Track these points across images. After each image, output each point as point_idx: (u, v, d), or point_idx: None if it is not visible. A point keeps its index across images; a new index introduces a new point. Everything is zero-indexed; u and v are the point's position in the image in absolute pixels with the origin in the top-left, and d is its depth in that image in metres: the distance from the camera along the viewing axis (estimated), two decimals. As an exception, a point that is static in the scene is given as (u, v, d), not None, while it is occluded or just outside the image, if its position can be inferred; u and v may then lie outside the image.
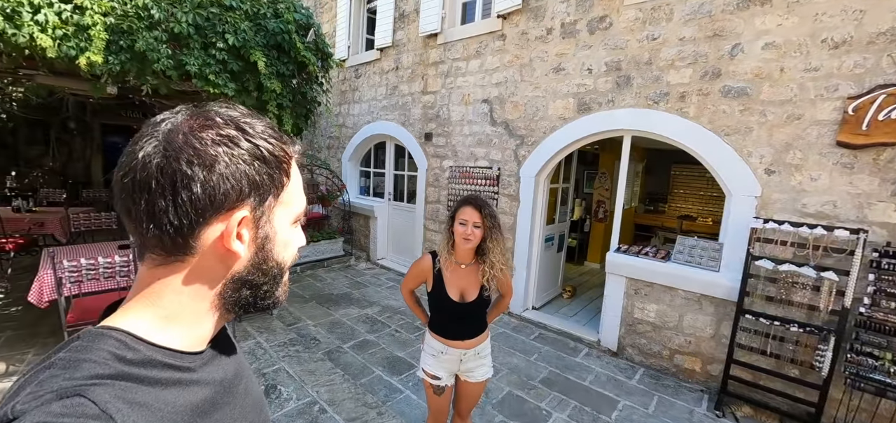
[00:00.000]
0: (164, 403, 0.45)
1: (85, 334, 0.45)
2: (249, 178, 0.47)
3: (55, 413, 0.36)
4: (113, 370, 0.42)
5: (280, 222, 0.54)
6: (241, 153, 0.47)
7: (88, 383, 0.39)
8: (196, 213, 0.45)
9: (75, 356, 0.42)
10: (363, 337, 4.03)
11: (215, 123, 0.47)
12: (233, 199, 0.47)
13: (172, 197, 0.44)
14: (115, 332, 0.45)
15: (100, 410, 0.38)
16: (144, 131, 0.46)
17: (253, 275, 0.53)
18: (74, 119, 7.71)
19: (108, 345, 0.43)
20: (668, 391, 3.41)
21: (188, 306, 0.50)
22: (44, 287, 2.92)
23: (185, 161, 0.44)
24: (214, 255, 0.49)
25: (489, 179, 4.88)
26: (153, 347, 0.47)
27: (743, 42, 3.13)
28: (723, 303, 3.32)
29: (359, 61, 6.74)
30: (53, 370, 0.40)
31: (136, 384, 0.43)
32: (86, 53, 2.69)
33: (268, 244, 0.53)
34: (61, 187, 7.12)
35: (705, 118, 3.34)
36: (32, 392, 0.38)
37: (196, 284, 0.50)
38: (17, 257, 4.95)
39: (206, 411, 0.49)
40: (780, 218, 3.05)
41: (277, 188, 0.51)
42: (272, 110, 3.26)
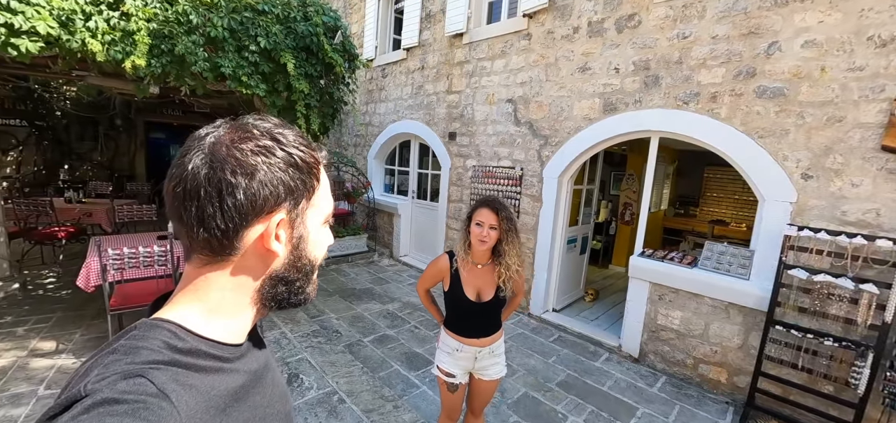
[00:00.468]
0: (209, 387, 0.50)
1: (141, 325, 0.50)
2: (285, 183, 0.53)
3: (121, 390, 0.41)
4: (166, 357, 0.47)
5: (312, 223, 0.59)
6: (277, 161, 0.52)
7: (147, 366, 0.45)
8: (240, 216, 0.50)
9: (134, 343, 0.47)
10: (383, 332, 4.11)
11: (253, 135, 0.52)
12: (271, 203, 0.52)
13: (219, 203, 0.49)
14: (167, 323, 0.51)
15: (158, 390, 0.43)
16: (191, 145, 0.52)
17: (288, 272, 0.58)
18: (121, 117, 8.24)
19: (161, 335, 0.49)
20: (691, 401, 3.31)
21: (231, 300, 0.55)
22: (90, 273, 3.15)
23: (230, 171, 0.49)
24: (255, 254, 0.54)
25: (512, 179, 4.87)
26: (199, 338, 0.52)
27: (780, 40, 2.99)
28: (752, 312, 3.19)
29: (386, 61, 6.85)
30: (116, 355, 0.45)
31: (186, 370, 0.48)
32: (131, 57, 2.89)
33: (302, 244, 0.58)
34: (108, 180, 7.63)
35: (738, 120, 3.21)
36: (100, 374, 0.43)
37: (238, 280, 0.55)
38: (67, 244, 5.35)
39: (241, 397, 0.55)
40: (816, 225, 2.90)
41: (309, 192, 0.56)
42: (300, 110, 3.39)
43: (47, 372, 2.98)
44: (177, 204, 0.50)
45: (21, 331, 3.55)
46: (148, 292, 3.29)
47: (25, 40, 2.64)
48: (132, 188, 7.47)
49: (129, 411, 0.39)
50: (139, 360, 0.45)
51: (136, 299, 3.19)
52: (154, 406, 0.41)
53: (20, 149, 7.39)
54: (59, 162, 7.84)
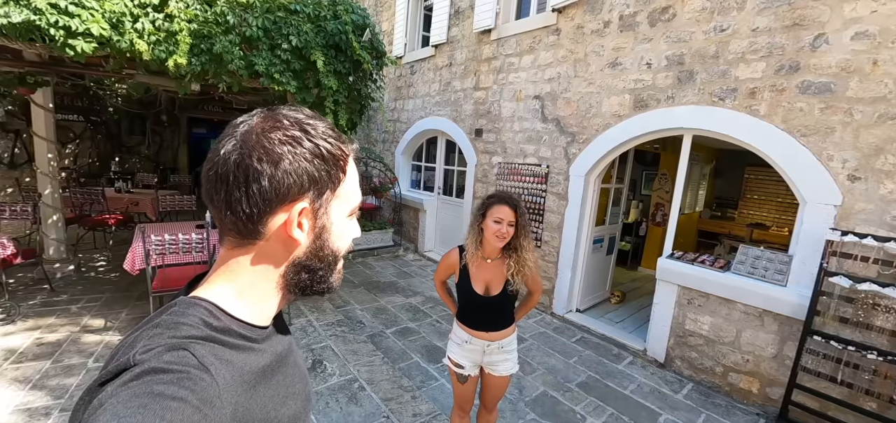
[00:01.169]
0: (242, 363, 0.53)
1: (180, 302, 0.54)
2: (309, 173, 0.54)
3: (166, 361, 0.44)
4: (203, 332, 0.51)
5: (336, 214, 0.60)
6: (303, 152, 0.54)
7: (188, 340, 0.48)
8: (263, 202, 0.52)
9: (175, 319, 0.51)
10: (405, 324, 4.19)
11: (282, 125, 0.54)
12: (295, 192, 0.54)
13: (245, 188, 0.52)
14: (203, 302, 0.54)
15: (198, 362, 0.47)
16: (227, 132, 0.55)
17: (311, 260, 0.59)
18: (166, 113, 8.76)
19: (198, 313, 0.52)
20: (719, 410, 3.18)
21: (257, 284, 0.58)
22: (135, 257, 3.39)
23: (256, 158, 0.51)
24: (279, 240, 0.56)
25: (537, 176, 4.81)
26: (231, 318, 0.55)
27: (828, 32, 2.80)
28: (788, 321, 3.02)
29: (415, 58, 6.92)
30: (159, 329, 0.49)
31: (221, 346, 0.51)
32: (173, 56, 3.07)
33: (324, 234, 0.59)
34: (154, 172, 8.16)
35: (778, 117, 3.04)
36: (146, 345, 0.46)
37: (264, 265, 0.57)
38: (116, 230, 5.76)
39: (267, 375, 0.57)
40: (862, 230, 2.71)
41: (334, 183, 0.58)
42: (329, 106, 3.50)
43: (96, 347, 3.25)
44: (210, 187, 0.54)
45: (75, 308, 3.87)
46: (186, 276, 3.49)
47: (81, 41, 2.86)
48: (175, 179, 7.96)
49: (174, 380, 0.43)
50: (180, 334, 0.48)
51: (176, 282, 3.42)
52: (196, 377, 0.45)
53: (77, 142, 8.02)
54: (110, 154, 8.45)
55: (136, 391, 0.41)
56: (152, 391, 0.41)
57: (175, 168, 9.32)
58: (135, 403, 0.39)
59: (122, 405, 0.39)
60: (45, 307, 3.84)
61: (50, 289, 4.18)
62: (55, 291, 4.19)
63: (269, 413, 0.55)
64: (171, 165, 9.29)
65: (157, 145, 9.12)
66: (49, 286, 4.19)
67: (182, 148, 9.50)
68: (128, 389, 0.41)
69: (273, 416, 0.56)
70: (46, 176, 4.42)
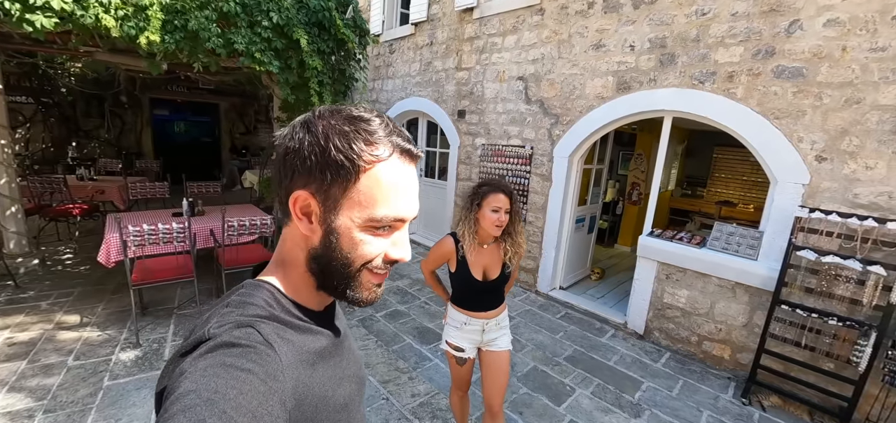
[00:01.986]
0: (302, 343, 0.57)
1: (247, 284, 0.58)
2: (308, 165, 0.54)
3: (236, 336, 0.49)
4: (267, 312, 0.55)
5: (347, 219, 0.56)
6: (310, 142, 0.54)
7: (255, 318, 0.53)
8: (279, 179, 0.57)
9: (243, 299, 0.55)
10: (395, 307, 4.21)
11: (315, 115, 0.57)
12: (297, 179, 0.56)
13: (281, 166, 0.57)
14: (266, 284, 0.59)
15: (264, 338, 0.51)
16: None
17: (320, 259, 0.58)
18: (126, 94, 8.19)
19: (263, 294, 0.57)
20: (694, 376, 3.41)
21: (300, 271, 0.60)
22: (111, 249, 3.22)
23: (288, 139, 0.56)
24: (296, 225, 0.58)
25: (521, 158, 4.87)
26: (290, 300, 0.59)
27: (802, 18, 2.94)
28: (758, 292, 3.25)
29: (393, 36, 6.75)
30: (230, 308, 0.54)
31: (283, 326, 0.55)
32: (145, 33, 2.87)
33: (332, 236, 0.56)
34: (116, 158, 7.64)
35: (754, 100, 3.19)
36: (219, 321, 0.51)
37: (294, 247, 0.60)
38: (82, 221, 5.43)
39: (325, 357, 0.61)
40: (827, 207, 2.92)
41: (341, 184, 0.54)
42: (314, 87, 3.38)
43: (75, 344, 3.10)
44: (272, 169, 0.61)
45: (45, 305, 3.66)
46: (168, 267, 3.37)
47: (40, 16, 2.63)
48: (141, 166, 7.49)
49: (243, 353, 0.47)
50: (248, 313, 0.53)
51: (158, 273, 3.28)
52: (262, 351, 0.49)
53: (28, 126, 7.39)
54: (66, 139, 7.85)
55: (212, 361, 0.45)
56: (224, 362, 0.45)
57: (140, 152, 8.77)
58: (210, 372, 0.44)
59: (199, 373, 0.44)
60: (11, 305, 3.61)
61: (14, 285, 3.91)
62: (21, 287, 3.93)
63: (326, 392, 0.58)
64: (134, 149, 8.73)
65: (117, 129, 8.53)
66: (13, 283, 3.92)
67: (145, 131, 8.93)
68: (204, 359, 0.46)
69: (329, 395, 0.59)
70: (1, 164, 4.09)
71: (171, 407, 0.41)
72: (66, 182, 5.15)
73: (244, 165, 9.51)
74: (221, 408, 0.41)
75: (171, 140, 10.05)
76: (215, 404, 0.41)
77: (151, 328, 3.40)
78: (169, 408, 0.41)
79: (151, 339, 3.24)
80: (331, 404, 0.59)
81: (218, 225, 3.73)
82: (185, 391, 0.42)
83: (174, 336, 3.31)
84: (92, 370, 2.82)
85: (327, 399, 0.58)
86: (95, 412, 2.44)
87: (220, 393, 0.42)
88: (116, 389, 2.65)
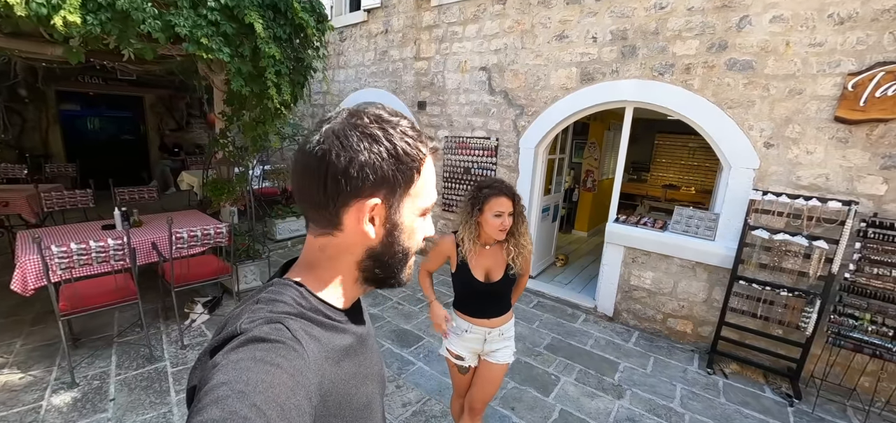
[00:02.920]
0: (327, 340, 0.57)
1: (276, 283, 0.60)
2: (383, 171, 0.56)
3: (266, 332, 0.50)
4: (295, 310, 0.56)
5: (409, 213, 0.61)
6: (380, 150, 0.55)
7: (283, 315, 0.54)
8: (338, 195, 0.55)
9: (273, 296, 0.57)
10: (367, 311, 4.00)
11: (363, 123, 0.56)
12: (368, 188, 0.56)
13: (324, 180, 0.55)
14: (294, 284, 0.59)
15: (292, 334, 0.52)
16: (317, 127, 0.58)
17: (382, 255, 0.62)
18: (25, 86, 6.98)
19: (291, 293, 0.58)
20: (662, 352, 3.61)
21: (336, 271, 0.62)
22: (28, 274, 2.68)
23: (335, 153, 0.54)
24: (353, 233, 0.58)
25: (487, 150, 4.83)
26: (317, 299, 0.60)
27: (751, 14, 3.15)
28: (716, 270, 3.49)
29: (344, 23, 6.37)
30: (260, 304, 0.55)
31: (310, 323, 0.56)
32: (60, 12, 2.39)
33: (396, 231, 0.61)
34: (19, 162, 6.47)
35: (709, 91, 3.39)
36: (249, 317, 0.52)
37: (341, 255, 0.61)
38: (-21, 237, 4.55)
39: (349, 354, 0.61)
40: (775, 190, 3.19)
41: (408, 183, 0.59)
42: (271, 78, 3.03)
43: (-13, 391, 2.56)
44: (297, 177, 0.59)
45: (-62, 346, 3.00)
46: (104, 289, 2.89)
47: (-87, -10, 2.09)
48: (52, 170, 6.39)
49: (272, 348, 0.48)
50: (277, 310, 0.54)
51: (92, 299, 2.78)
52: (290, 347, 0.50)
53: None
54: (-52, 140, 6.53)
55: (242, 355, 0.47)
56: (255, 356, 0.47)
57: (47, 155, 7.52)
58: (242, 365, 0.45)
59: (231, 366, 0.45)
60: None
61: None
62: None
63: (350, 390, 0.59)
64: (40, 150, 7.46)
65: (17, 127, 7.20)
66: None
67: (53, 129, 7.66)
68: (235, 353, 0.47)
69: (353, 393, 0.60)
70: None
71: (203, 398, 0.43)
72: (-46, 194, 4.25)
73: (178, 166, 8.57)
74: (252, 401, 0.42)
75: (85, 139, 8.72)
76: (246, 396, 0.42)
77: (88, 362, 2.91)
78: (202, 398, 0.43)
79: (90, 375, 2.76)
80: (354, 401, 0.59)
81: (160, 236, 3.28)
82: (217, 383, 0.43)
83: (118, 369, 2.86)
84: (17, 422, 2.34)
85: (350, 397, 0.59)
86: (25, 473, 2.03)
87: (252, 386, 0.43)
88: (52, 441, 2.22)
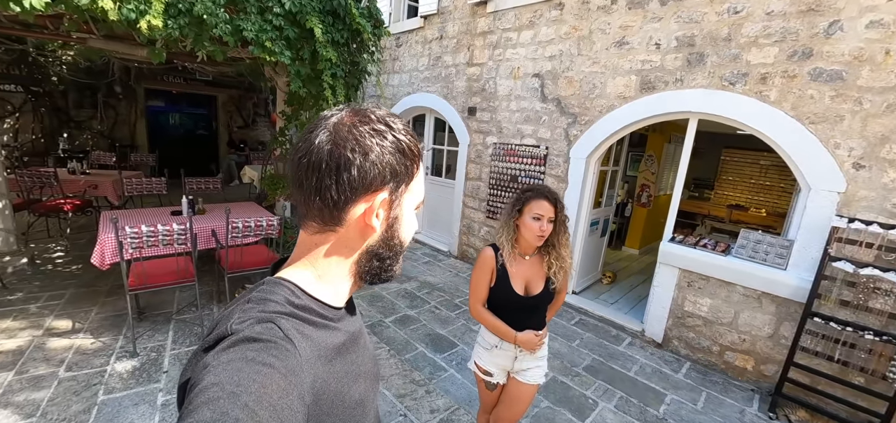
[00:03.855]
0: (320, 339, 0.57)
1: (268, 281, 0.59)
2: (392, 166, 0.57)
3: (257, 332, 0.49)
4: (287, 309, 0.55)
5: (407, 206, 0.63)
6: (388, 145, 0.57)
7: (275, 314, 0.53)
8: (351, 190, 0.56)
9: (264, 296, 0.56)
10: (404, 312, 4.04)
11: (370, 119, 0.57)
12: (378, 182, 0.57)
13: (336, 176, 0.55)
14: (287, 282, 0.58)
15: (283, 333, 0.51)
16: (318, 123, 0.57)
17: (382, 249, 0.63)
18: (120, 83, 7.87)
19: (283, 291, 0.57)
20: (717, 387, 3.29)
21: (334, 269, 0.62)
22: (105, 250, 2.99)
23: (349, 149, 0.54)
24: (356, 228, 0.60)
25: (536, 158, 4.71)
26: (311, 297, 0.59)
27: (843, 19, 2.81)
28: (786, 303, 3.13)
29: (400, 29, 6.54)
30: (251, 304, 0.54)
31: (302, 322, 0.55)
32: (146, 17, 2.65)
33: (396, 224, 0.63)
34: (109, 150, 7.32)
35: (789, 103, 3.06)
36: (240, 317, 0.51)
37: (340, 251, 0.61)
38: (73, 217, 5.16)
39: (342, 352, 0.61)
40: (864, 217, 2.80)
41: (409, 177, 0.61)
42: (327, 81, 3.16)
43: (66, 353, 2.88)
44: (300, 174, 0.57)
45: (34, 308, 3.42)
46: (167, 270, 3.16)
47: (30, -4, 2.40)
48: (136, 159, 7.17)
49: (264, 347, 0.48)
50: (268, 309, 0.53)
51: (157, 277, 3.06)
52: (282, 346, 0.49)
53: (16, 116, 7.03)
54: (57, 130, 7.50)
55: (233, 356, 0.46)
56: (246, 356, 0.46)
57: (134, 145, 8.43)
58: (233, 366, 0.45)
59: (221, 367, 0.45)
60: (-3, 308, 3.38)
61: (1, 286, 3.67)
62: (8, 288, 3.68)
63: (342, 388, 0.59)
64: (128, 141, 8.40)
65: (111, 120, 8.17)
66: (0, 283, 3.68)
67: (140, 123, 8.59)
68: (227, 354, 0.46)
69: (346, 392, 0.59)
70: (-14, 155, 3.84)
71: (195, 400, 0.42)
72: (57, 176, 4.86)
73: (242, 161, 9.24)
74: (244, 401, 0.42)
75: (165, 132, 9.71)
76: (238, 397, 0.42)
77: (149, 336, 3.19)
78: (193, 400, 0.42)
79: (149, 347, 3.03)
80: (347, 400, 0.59)
81: (220, 225, 3.52)
82: (208, 385, 0.43)
83: (173, 344, 3.11)
84: (85, 382, 2.61)
85: (343, 395, 0.59)
86: (90, 430, 2.25)
87: (243, 386, 0.43)
88: (112, 404, 2.45)
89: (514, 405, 1.88)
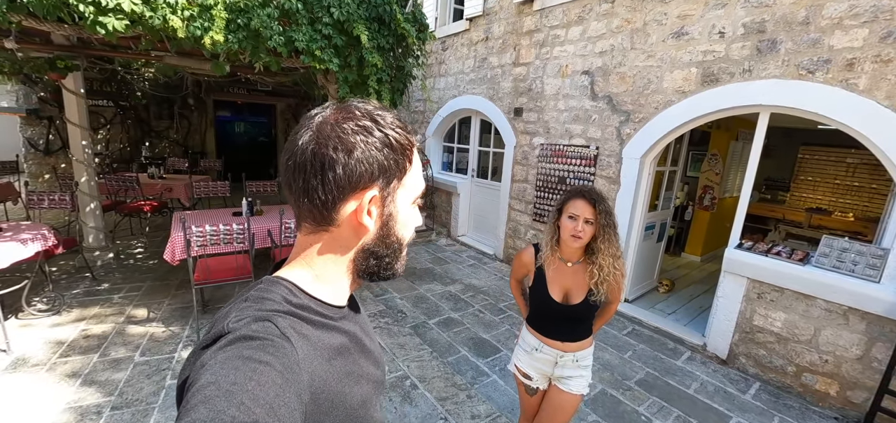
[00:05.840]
0: (318, 338, 0.56)
1: (265, 281, 0.58)
2: (379, 162, 0.56)
3: (254, 330, 0.49)
4: (285, 308, 0.55)
5: (402, 202, 0.62)
6: (374, 141, 0.56)
7: (272, 313, 0.52)
8: (337, 189, 0.55)
9: (261, 294, 0.55)
10: (447, 314, 4.03)
11: (354, 116, 0.56)
12: (366, 179, 0.56)
13: (321, 176, 0.54)
14: (285, 281, 0.58)
15: (281, 332, 0.51)
16: (303, 123, 0.57)
17: (378, 247, 0.62)
18: (193, 96, 8.68)
19: (280, 290, 0.56)
20: (793, 413, 2.94)
21: (331, 268, 0.61)
22: (176, 248, 3.29)
23: (332, 147, 0.53)
24: (349, 227, 0.59)
25: (585, 158, 4.52)
26: (309, 296, 0.59)
27: (952, -8, 2.41)
28: (880, 321, 2.73)
29: (446, 33, 6.58)
30: (249, 302, 0.54)
31: (300, 321, 0.55)
32: (209, 33, 2.87)
33: (391, 221, 0.61)
34: (183, 157, 8.11)
35: (882, 92, 2.68)
36: (237, 316, 0.51)
37: (336, 250, 0.61)
38: (151, 216, 5.74)
39: (342, 353, 0.60)
40: None
41: (401, 172, 0.59)
42: (373, 85, 3.26)
43: (141, 339, 3.19)
44: (288, 176, 0.56)
45: (117, 298, 3.84)
46: (228, 267, 3.40)
47: (111, 18, 2.69)
48: (205, 165, 7.90)
49: (260, 346, 0.47)
50: (265, 308, 0.53)
51: (218, 273, 3.31)
52: (278, 344, 0.49)
53: (108, 127, 8.02)
54: (140, 139, 8.45)
55: (230, 354, 0.46)
56: (242, 354, 0.46)
57: (203, 152, 9.29)
58: (229, 365, 0.44)
59: (218, 365, 0.44)
60: (88, 297, 3.81)
61: (92, 278, 4.15)
62: (97, 280, 4.16)
63: (342, 389, 0.57)
64: (199, 148, 9.27)
65: (185, 129, 9.08)
66: (91, 275, 4.16)
67: (209, 131, 9.46)
68: (224, 352, 0.46)
69: (346, 393, 0.58)
70: (82, 163, 4.36)
71: (191, 399, 0.42)
72: (138, 180, 5.46)
73: (297, 165, 9.80)
74: (240, 399, 0.41)
75: (231, 140, 10.60)
76: (234, 395, 0.42)
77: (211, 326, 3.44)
78: (190, 400, 0.42)
79: (211, 338, 3.28)
80: (347, 401, 0.58)
81: (275, 225, 3.73)
82: (205, 383, 0.43)
83: (233, 336, 3.34)
84: (156, 367, 2.87)
85: (343, 396, 0.57)
86: (158, 412, 2.45)
87: (239, 385, 0.43)
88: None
89: (555, 415, 1.79)
